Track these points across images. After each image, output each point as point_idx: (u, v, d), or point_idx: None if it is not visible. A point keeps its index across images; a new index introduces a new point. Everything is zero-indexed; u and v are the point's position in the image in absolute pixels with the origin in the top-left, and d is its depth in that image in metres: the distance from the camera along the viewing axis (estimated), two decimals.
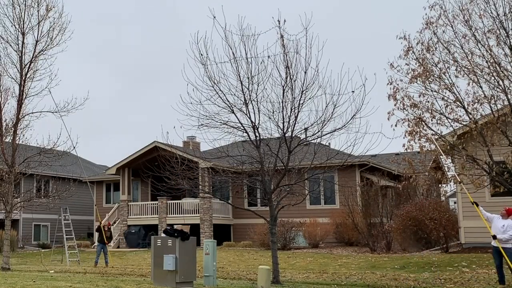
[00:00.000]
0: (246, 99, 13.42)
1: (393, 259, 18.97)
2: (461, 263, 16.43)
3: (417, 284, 13.23)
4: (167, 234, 12.23)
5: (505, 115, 12.67)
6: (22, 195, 23.40)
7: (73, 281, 13.09)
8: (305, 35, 12.87)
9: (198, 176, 15.98)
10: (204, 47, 13.15)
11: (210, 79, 13.37)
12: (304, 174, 16.01)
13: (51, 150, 19.23)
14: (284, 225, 24.74)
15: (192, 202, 29.35)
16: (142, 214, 30.97)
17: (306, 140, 14.71)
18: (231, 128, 13.89)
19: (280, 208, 14.28)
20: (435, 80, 13.12)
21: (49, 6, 18.90)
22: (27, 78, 18.80)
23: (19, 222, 34.62)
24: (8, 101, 19.08)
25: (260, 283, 12.22)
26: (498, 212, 12.22)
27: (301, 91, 13.25)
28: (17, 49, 18.80)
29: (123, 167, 31.63)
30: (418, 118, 13.08)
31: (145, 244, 28.87)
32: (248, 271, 17.09)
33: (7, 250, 18.79)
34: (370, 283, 13.61)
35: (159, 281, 12.03)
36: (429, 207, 21.19)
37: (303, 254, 21.94)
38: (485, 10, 12.57)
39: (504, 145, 12.65)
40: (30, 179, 32.23)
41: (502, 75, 12.28)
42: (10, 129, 18.82)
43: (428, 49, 13.20)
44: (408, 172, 14.46)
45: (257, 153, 14.02)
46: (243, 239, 28.40)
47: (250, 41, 13.06)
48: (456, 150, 13.32)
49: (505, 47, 12.40)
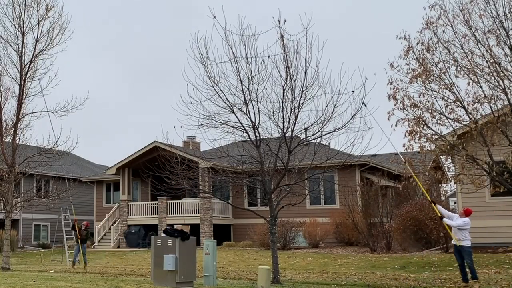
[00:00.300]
0: (246, 99, 13.43)
1: (393, 259, 18.97)
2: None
3: (417, 284, 13.24)
4: (167, 234, 12.23)
5: (505, 115, 12.65)
6: (22, 195, 23.41)
7: (73, 281, 13.10)
8: (305, 35, 12.91)
9: (198, 176, 15.99)
10: (204, 47, 13.18)
11: (210, 79, 13.39)
12: (304, 174, 16.01)
13: (51, 150, 19.24)
14: (284, 225, 24.74)
15: (192, 202, 29.35)
16: (142, 214, 30.96)
17: (306, 140, 14.72)
18: (231, 128, 13.91)
19: (280, 208, 14.28)
20: (435, 80, 13.10)
21: (49, 6, 18.95)
22: (27, 78, 18.81)
23: (19, 222, 34.62)
24: (8, 101, 19.12)
25: (260, 283, 12.23)
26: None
27: (301, 91, 13.26)
28: (17, 49, 18.83)
29: (123, 167, 31.62)
30: (418, 118, 13.07)
31: (145, 244, 28.87)
32: (248, 271, 17.09)
33: (7, 250, 18.80)
34: (370, 283, 13.62)
35: (159, 281, 12.03)
36: (429, 207, 21.16)
37: (303, 254, 21.93)
38: (485, 10, 12.56)
39: (504, 145, 12.64)
40: (30, 179, 32.23)
41: (502, 75, 12.26)
42: (10, 129, 18.84)
43: (428, 49, 13.18)
44: (408, 172, 14.44)
45: (257, 153, 14.03)
46: (243, 239, 28.39)
47: (250, 41, 13.09)
48: (456, 150, 13.30)
49: (505, 47, 12.38)
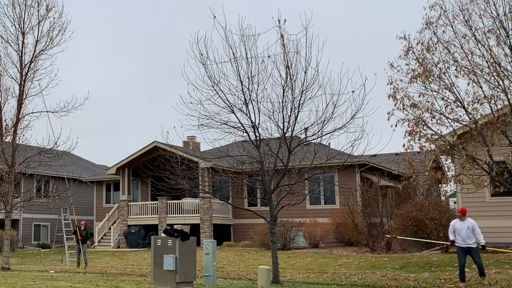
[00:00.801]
0: (246, 99, 13.43)
1: (393, 259, 18.97)
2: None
3: (417, 284, 13.24)
4: (167, 234, 12.22)
5: (505, 115, 12.64)
6: (22, 195, 23.42)
7: (73, 281, 13.10)
8: (305, 35, 12.91)
9: (198, 176, 15.99)
10: (204, 46, 13.18)
11: (210, 79, 13.39)
12: (304, 174, 16.02)
13: (51, 150, 19.24)
14: (284, 225, 24.73)
15: (192, 202, 29.34)
16: (142, 214, 30.96)
17: (306, 140, 14.72)
18: (231, 128, 13.90)
19: (280, 208, 14.28)
20: (435, 80, 13.10)
21: (49, 6, 18.96)
22: (27, 78, 18.82)
23: (19, 222, 34.62)
24: (8, 101, 19.13)
25: (260, 283, 12.23)
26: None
27: (301, 91, 13.26)
28: (17, 49, 18.84)
29: (123, 167, 31.62)
30: (418, 118, 13.07)
31: (145, 244, 28.87)
32: (248, 271, 17.09)
33: (7, 250, 18.80)
34: (370, 283, 13.62)
35: (159, 281, 12.03)
36: (429, 207, 21.17)
37: (303, 254, 21.93)
38: (485, 10, 12.55)
39: (504, 145, 12.63)
40: (30, 179, 32.21)
41: (502, 75, 12.26)
42: (10, 129, 18.84)
43: (428, 49, 13.18)
44: (408, 172, 14.46)
45: (257, 153, 14.02)
46: (243, 239, 28.39)
47: (250, 41, 13.09)
48: (456, 150, 13.30)
49: (505, 47, 12.38)
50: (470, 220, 13.23)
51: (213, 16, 12.80)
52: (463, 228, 13.12)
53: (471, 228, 13.05)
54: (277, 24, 12.98)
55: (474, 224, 13.14)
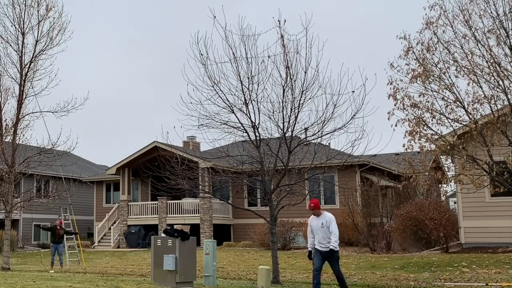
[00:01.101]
0: (246, 99, 13.42)
1: (393, 259, 18.96)
2: (461, 263, 16.42)
3: (417, 284, 13.23)
4: (167, 234, 12.22)
5: (505, 115, 12.64)
6: (22, 195, 23.40)
7: (73, 281, 13.09)
8: (305, 35, 12.90)
9: (198, 176, 15.99)
10: (204, 47, 13.18)
11: (210, 79, 13.38)
12: (304, 174, 16.02)
13: (51, 150, 19.24)
14: (284, 225, 24.73)
15: (192, 202, 29.35)
16: (142, 214, 30.97)
17: (306, 140, 14.71)
18: (231, 128, 13.90)
19: (280, 208, 14.28)
20: (435, 80, 13.10)
21: (49, 6, 18.93)
22: (27, 78, 18.81)
23: (19, 222, 34.63)
24: (8, 101, 19.12)
25: (260, 283, 12.22)
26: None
27: (301, 91, 13.26)
28: (17, 49, 18.82)
29: (123, 167, 31.62)
30: (418, 118, 13.07)
31: (145, 244, 28.87)
32: (248, 271, 17.09)
33: (7, 250, 18.79)
34: (370, 283, 13.61)
35: (159, 281, 12.03)
36: (429, 207, 21.19)
37: (303, 254, 21.91)
38: (485, 10, 12.55)
39: (504, 145, 12.63)
40: (30, 179, 32.23)
41: (502, 75, 12.26)
42: (10, 129, 18.83)
43: (428, 49, 13.17)
44: (408, 172, 14.45)
45: (257, 153, 14.02)
46: (243, 239, 28.39)
47: (250, 41, 13.08)
48: (456, 150, 13.30)
49: (505, 47, 12.37)
50: (328, 215, 10.61)
51: (213, 16, 12.82)
52: (317, 226, 10.51)
53: (326, 226, 10.42)
54: (277, 24, 12.99)
55: (331, 219, 10.46)
